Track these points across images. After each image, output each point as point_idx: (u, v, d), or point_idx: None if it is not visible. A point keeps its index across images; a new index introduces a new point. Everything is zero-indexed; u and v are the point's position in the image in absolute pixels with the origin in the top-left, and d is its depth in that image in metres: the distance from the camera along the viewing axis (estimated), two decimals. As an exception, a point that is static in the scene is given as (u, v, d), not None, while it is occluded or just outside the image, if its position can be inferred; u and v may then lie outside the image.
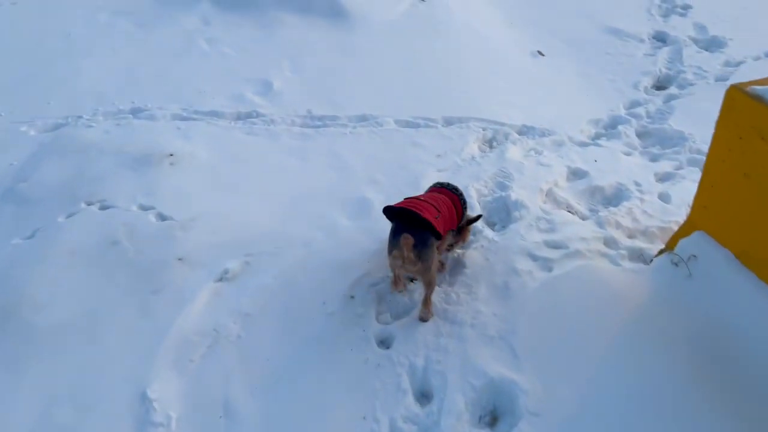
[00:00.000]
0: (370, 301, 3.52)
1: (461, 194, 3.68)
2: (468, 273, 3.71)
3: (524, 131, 5.57)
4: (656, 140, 5.61)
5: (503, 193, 4.52)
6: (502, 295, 3.55)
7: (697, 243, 3.74)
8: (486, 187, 4.66)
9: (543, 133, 5.52)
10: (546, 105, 6.04)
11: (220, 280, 3.66)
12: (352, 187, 4.53)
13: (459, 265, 3.80)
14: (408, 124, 5.50)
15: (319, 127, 5.40)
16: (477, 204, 4.41)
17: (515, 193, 4.48)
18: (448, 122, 5.59)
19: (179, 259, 3.70)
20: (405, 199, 3.36)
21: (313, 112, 5.61)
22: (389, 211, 3.19)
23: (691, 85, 6.51)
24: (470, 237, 3.88)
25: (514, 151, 5.13)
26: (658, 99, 6.29)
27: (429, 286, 3.28)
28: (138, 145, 4.88)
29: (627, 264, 3.97)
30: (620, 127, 5.69)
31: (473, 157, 5.03)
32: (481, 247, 3.93)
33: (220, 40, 7.03)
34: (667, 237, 4.31)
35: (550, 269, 3.78)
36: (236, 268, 3.73)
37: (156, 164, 4.64)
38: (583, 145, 5.43)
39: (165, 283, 3.54)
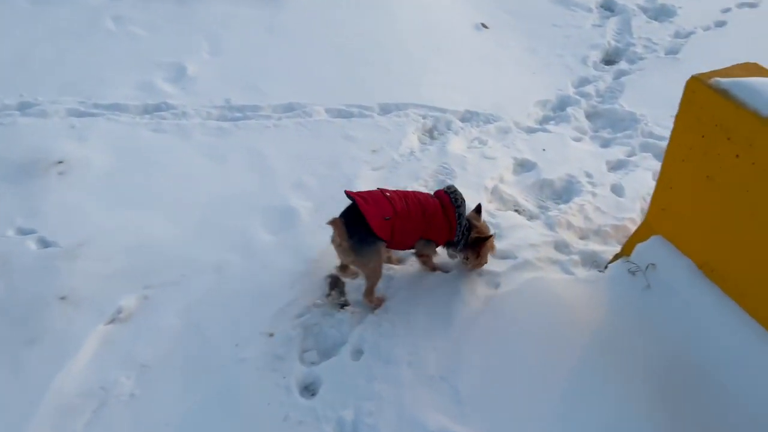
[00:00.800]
0: (293, 338, 3.03)
1: (459, 206, 3.13)
2: (403, 296, 3.25)
3: (467, 117, 5.10)
4: (607, 122, 5.25)
5: (444, 194, 4.05)
6: (443, 321, 3.12)
7: (655, 249, 3.39)
8: (426, 187, 4.19)
9: (487, 119, 5.06)
10: (491, 86, 5.57)
11: (112, 321, 3.09)
12: (275, 192, 3.98)
13: (392, 286, 3.34)
14: (340, 114, 4.94)
15: (238, 119, 4.77)
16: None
17: (458, 194, 4.02)
18: (385, 110, 5.05)
19: (62, 298, 3.10)
20: (377, 189, 3.11)
21: (233, 101, 4.97)
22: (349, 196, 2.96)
23: (641, 59, 6.15)
24: (485, 258, 3.33)
25: (456, 143, 4.66)
26: (607, 75, 5.90)
27: (367, 280, 3.12)
28: (21, 151, 4.16)
29: (580, 272, 3.60)
30: (569, 109, 5.29)
31: (412, 152, 4.53)
32: (416, 263, 3.47)
33: (129, 18, 6.20)
34: (622, 236, 3.96)
35: (496, 285, 3.37)
36: (132, 305, 3.15)
37: (42, 174, 3.96)
38: (530, 131, 5.01)
39: (43, 330, 2.94)
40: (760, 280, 2.78)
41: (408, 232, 3.05)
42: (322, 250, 3.53)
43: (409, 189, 4.01)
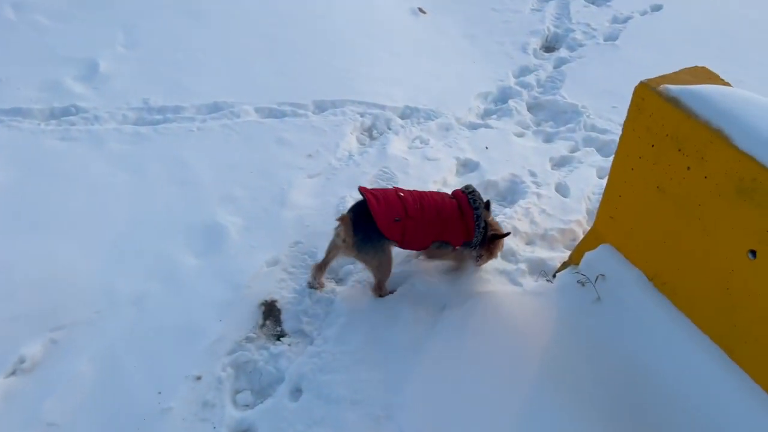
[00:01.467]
0: (223, 380, 2.75)
1: (477, 208, 3.04)
2: (343, 322, 3.01)
3: (407, 114, 4.85)
4: (549, 114, 5.12)
5: (386, 203, 3.81)
6: (387, 350, 2.90)
7: (604, 259, 3.27)
8: (366, 194, 3.93)
9: (428, 116, 4.83)
10: (430, 77, 5.34)
11: (13, 374, 2.71)
12: (201, 208, 3.63)
13: (332, 310, 3.09)
14: (272, 113, 4.59)
15: (158, 123, 4.35)
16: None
17: (400, 202, 3.79)
18: (321, 107, 4.74)
19: (-50, 350, 2.70)
20: (393, 187, 3.05)
21: (151, 102, 4.53)
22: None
23: (581, 45, 6.05)
24: (499, 251, 3.33)
25: (397, 144, 4.41)
26: (548, 64, 5.77)
27: (375, 276, 3.07)
28: None
29: (528, 283, 3.45)
30: (511, 102, 5.13)
31: (350, 155, 4.25)
32: (358, 284, 3.24)
33: (32, 5, 5.58)
34: (569, 240, 3.84)
35: (442, 307, 3.17)
36: (37, 352, 2.78)
37: (-75, 197, 3.46)
38: (472, 127, 4.82)
39: (-72, 391, 2.54)
40: (710, 296, 2.70)
41: (421, 233, 2.96)
42: (255, 273, 3.25)
43: (353, 196, 3.78)
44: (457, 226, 3.02)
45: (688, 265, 2.80)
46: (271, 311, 3.10)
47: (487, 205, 3.20)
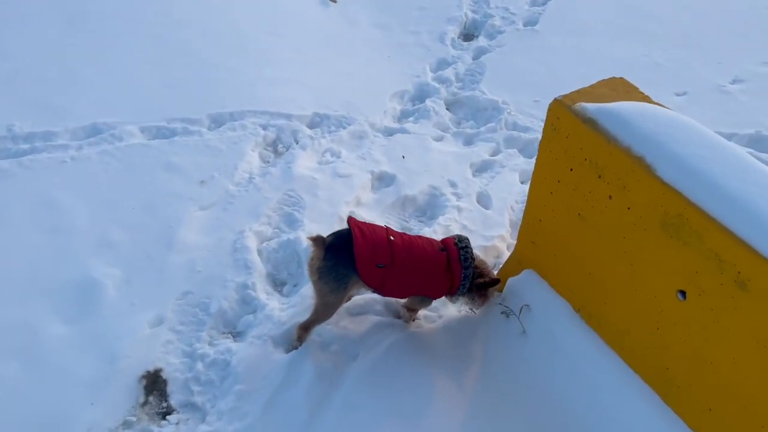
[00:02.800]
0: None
1: (467, 268, 2.72)
2: (240, 390, 2.62)
3: (316, 122, 4.42)
4: (469, 112, 4.81)
5: (292, 234, 3.41)
6: (287, 418, 2.53)
7: (528, 287, 3.01)
8: (270, 224, 3.51)
9: (340, 123, 4.42)
10: (341, 78, 4.91)
11: None
12: (72, 260, 3.12)
13: (228, 375, 2.70)
14: (160, 133, 4.07)
15: (23, 154, 3.76)
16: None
17: (306, 232, 3.39)
18: (217, 122, 4.24)
19: None
20: (385, 226, 2.72)
21: (16, 129, 3.91)
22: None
23: (500, 32, 5.74)
24: (491, 298, 3.00)
25: (304, 160, 3.99)
26: (467, 55, 5.44)
27: (312, 313, 2.73)
28: None
29: (450, 313, 3.16)
30: (428, 102, 4.77)
31: (251, 177, 3.80)
32: (259, 339, 2.84)
33: None
34: (492, 258, 3.55)
35: (354, 357, 2.82)
36: None
37: None
38: (387, 133, 4.44)
39: None
40: (640, 334, 2.46)
41: (402, 285, 2.69)
42: (135, 338, 2.80)
43: (253, 230, 3.36)
44: (441, 282, 2.74)
45: (615, 300, 2.55)
46: (154, 384, 2.66)
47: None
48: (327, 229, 3.36)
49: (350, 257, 2.52)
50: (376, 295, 3.02)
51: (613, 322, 2.60)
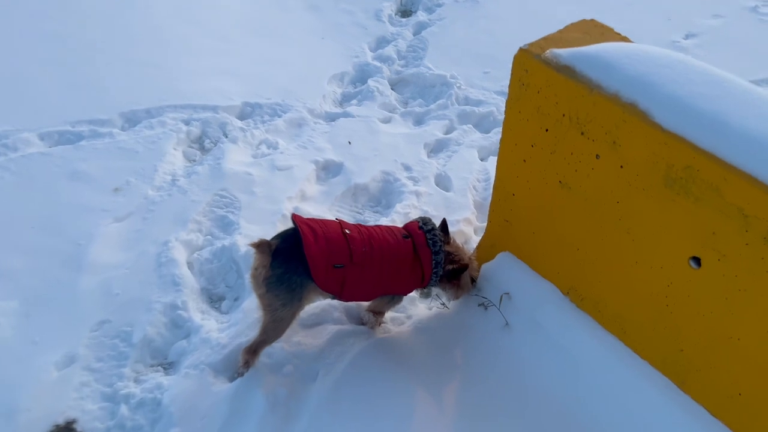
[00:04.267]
0: None
1: (437, 252, 2.32)
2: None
3: (248, 113, 3.93)
4: (416, 91, 4.41)
5: (227, 240, 2.92)
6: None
7: (505, 271, 2.63)
8: (200, 231, 3.01)
9: (274, 112, 3.93)
10: (272, 64, 4.42)
11: None
12: (-46, 297, 2.53)
13: (161, 417, 2.20)
14: (62, 139, 3.48)
15: None
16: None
17: (245, 236, 2.91)
18: (131, 121, 3.69)
19: None
20: (337, 220, 2.32)
21: None
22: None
23: (439, 5, 5.39)
24: (467, 287, 2.57)
25: (236, 155, 3.49)
26: (407, 31, 5.05)
27: (261, 331, 2.25)
28: None
29: (420, 312, 2.75)
30: (371, 82, 4.35)
31: (174, 180, 3.28)
32: (196, 369, 2.35)
33: None
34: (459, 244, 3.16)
35: (314, 377, 2.36)
36: None
37: None
38: (329, 118, 3.99)
39: None
40: (646, 314, 2.10)
41: (366, 285, 2.28)
42: (39, 385, 2.26)
43: (180, 239, 2.85)
44: (410, 274, 2.34)
45: (612, 278, 2.19)
46: (66, 445, 2.13)
47: (444, 227, 2.46)
48: (269, 230, 2.90)
49: (302, 261, 2.11)
50: (333, 301, 2.58)
51: (611, 304, 2.24)
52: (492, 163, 3.72)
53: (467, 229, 3.22)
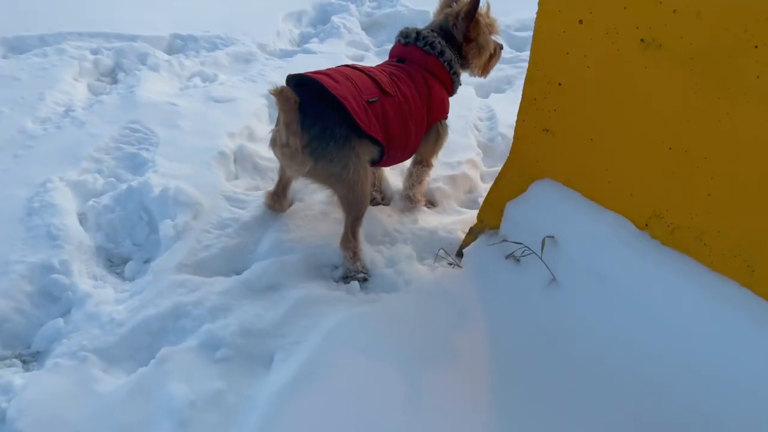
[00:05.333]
0: None
1: (443, 52, 1.97)
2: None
3: (178, 47, 3.07)
4: (393, 33, 3.57)
5: (136, 180, 2.02)
6: None
7: (546, 206, 1.81)
8: (99, 171, 2.10)
9: (214, 45, 3.08)
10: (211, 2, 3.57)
11: None
12: None
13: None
14: None
15: None
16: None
17: (162, 174, 2.02)
18: (16, 49, 2.77)
19: None
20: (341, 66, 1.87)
21: None
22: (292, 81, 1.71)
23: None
24: (487, 44, 2.10)
25: (157, 84, 2.61)
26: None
27: (344, 207, 1.82)
28: None
29: (421, 275, 1.92)
30: (336, 18, 3.54)
31: (68, 110, 2.37)
32: (73, 359, 1.44)
33: None
34: (463, 194, 2.44)
35: (267, 363, 1.47)
36: None
37: None
38: (285, 55, 3.16)
39: None
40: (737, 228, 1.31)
41: (406, 119, 1.87)
42: None
43: (67, 180, 1.94)
44: (440, 89, 1.99)
45: (730, 190, 1.40)
46: None
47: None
48: (201, 171, 2.02)
49: (334, 110, 1.67)
50: (294, 252, 1.71)
51: (729, 232, 1.44)
52: (495, 99, 2.96)
53: (472, 173, 2.43)
